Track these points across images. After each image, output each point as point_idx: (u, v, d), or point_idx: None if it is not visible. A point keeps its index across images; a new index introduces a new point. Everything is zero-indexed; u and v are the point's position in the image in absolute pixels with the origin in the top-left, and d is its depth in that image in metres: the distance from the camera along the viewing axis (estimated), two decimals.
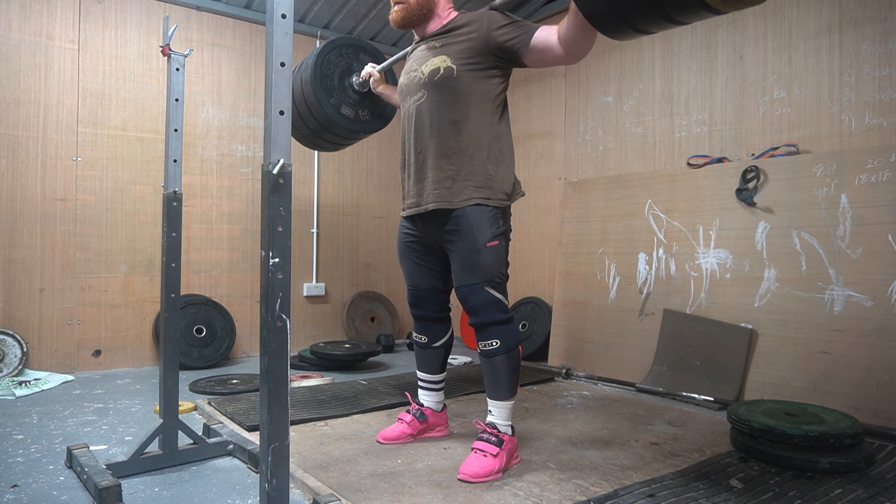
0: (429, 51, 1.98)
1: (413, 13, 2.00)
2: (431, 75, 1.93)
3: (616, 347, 3.31)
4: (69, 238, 3.37)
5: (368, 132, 2.58)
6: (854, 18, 2.70)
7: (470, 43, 1.89)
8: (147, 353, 3.59)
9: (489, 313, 1.89)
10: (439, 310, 2.17)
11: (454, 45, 1.92)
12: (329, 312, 4.35)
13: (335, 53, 2.46)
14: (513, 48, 1.84)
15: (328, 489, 1.68)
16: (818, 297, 2.61)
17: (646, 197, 3.34)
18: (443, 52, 1.93)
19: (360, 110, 2.51)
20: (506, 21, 1.87)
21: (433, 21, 2.02)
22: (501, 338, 1.88)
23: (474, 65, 1.89)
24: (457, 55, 1.90)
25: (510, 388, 1.90)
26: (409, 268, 2.16)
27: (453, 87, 1.90)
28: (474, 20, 1.91)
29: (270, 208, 1.24)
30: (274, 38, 1.24)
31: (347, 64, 2.50)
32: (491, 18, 1.88)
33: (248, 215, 3.96)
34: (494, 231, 1.90)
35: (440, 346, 2.18)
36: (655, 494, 1.67)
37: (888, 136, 2.58)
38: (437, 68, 1.92)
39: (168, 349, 1.91)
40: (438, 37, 1.98)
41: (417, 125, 1.98)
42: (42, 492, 1.73)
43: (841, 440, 1.89)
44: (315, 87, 2.36)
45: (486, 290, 1.88)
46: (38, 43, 3.28)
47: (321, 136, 2.56)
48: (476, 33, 1.89)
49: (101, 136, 3.46)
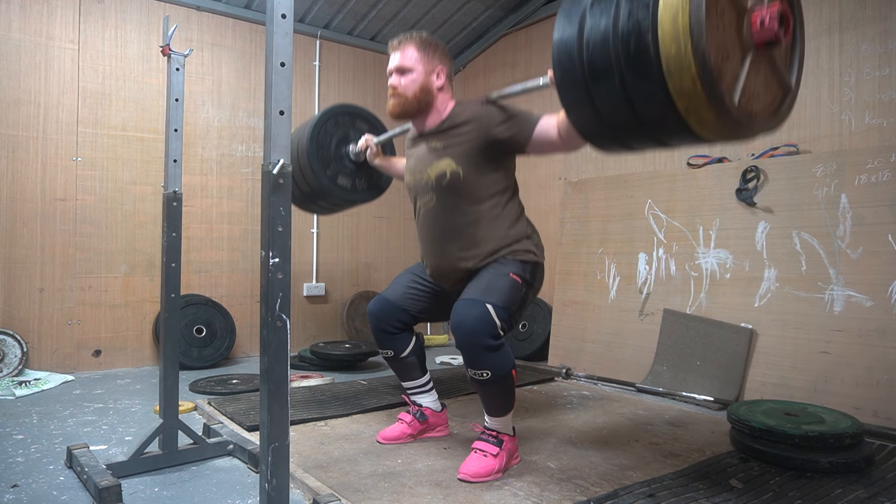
0: (431, 152, 1.95)
1: (410, 107, 1.95)
2: (439, 180, 1.91)
3: (616, 347, 3.31)
4: (69, 238, 3.37)
5: (364, 201, 2.54)
6: (854, 18, 2.70)
7: (471, 143, 1.87)
8: (147, 353, 3.59)
9: (480, 335, 1.73)
10: (398, 326, 2.10)
11: (456, 146, 1.90)
12: (329, 312, 4.35)
13: (331, 123, 2.41)
14: (514, 143, 1.84)
15: (328, 489, 1.68)
16: (818, 297, 2.61)
17: (646, 197, 3.34)
18: (446, 155, 1.90)
19: (357, 179, 2.47)
20: (504, 117, 1.84)
21: (431, 115, 1.98)
22: (492, 368, 1.74)
23: (479, 164, 1.88)
24: (460, 157, 1.88)
25: (506, 407, 1.86)
26: (401, 283, 2.14)
27: (462, 189, 1.89)
28: (473, 118, 1.89)
29: (270, 208, 1.24)
30: (274, 38, 1.24)
31: (344, 132, 2.46)
32: (489, 115, 1.86)
33: (248, 215, 3.96)
34: (519, 272, 1.87)
35: (410, 355, 2.13)
36: (655, 494, 1.67)
37: (888, 136, 2.58)
38: (444, 172, 1.90)
39: (168, 349, 1.91)
40: (439, 135, 1.95)
41: (433, 227, 1.98)
42: (42, 492, 1.73)
43: (841, 440, 1.89)
44: (311, 159, 2.32)
45: (486, 306, 1.76)
46: (38, 43, 3.28)
47: (315, 202, 2.52)
48: (476, 132, 1.87)
49: (101, 136, 3.46)
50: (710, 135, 1.22)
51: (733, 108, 1.16)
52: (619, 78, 1.21)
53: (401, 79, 1.95)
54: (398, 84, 1.95)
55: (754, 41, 1.22)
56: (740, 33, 1.21)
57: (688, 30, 1.10)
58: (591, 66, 1.24)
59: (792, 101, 1.35)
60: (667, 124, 1.23)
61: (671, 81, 1.14)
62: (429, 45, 1.97)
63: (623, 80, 1.20)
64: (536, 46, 4.21)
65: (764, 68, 1.28)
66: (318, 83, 4.28)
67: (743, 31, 1.21)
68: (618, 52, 1.19)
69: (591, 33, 1.24)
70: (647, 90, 1.19)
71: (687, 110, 1.17)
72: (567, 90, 1.32)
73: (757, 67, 1.25)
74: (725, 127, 1.19)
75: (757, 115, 1.25)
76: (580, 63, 1.26)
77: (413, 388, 2.20)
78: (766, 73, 1.28)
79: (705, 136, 1.22)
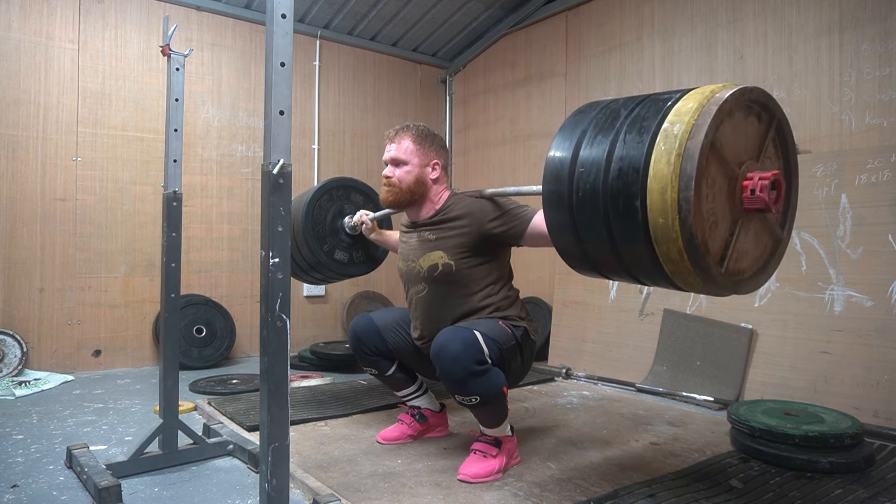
0: (424, 242, 1.95)
1: (404, 198, 1.96)
2: (431, 271, 1.91)
3: (616, 347, 3.31)
4: (69, 238, 3.37)
5: (360, 274, 2.52)
6: (854, 18, 2.70)
7: (464, 238, 1.88)
8: (147, 353, 3.59)
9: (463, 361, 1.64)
10: (374, 351, 2.08)
11: (448, 238, 1.90)
12: (329, 312, 4.35)
13: (326, 198, 2.40)
14: (509, 238, 1.84)
15: (328, 489, 1.68)
16: (818, 297, 2.61)
17: None
18: (439, 247, 1.91)
19: (353, 252, 2.46)
20: (498, 213, 1.84)
21: (425, 206, 1.98)
22: (481, 393, 1.68)
23: (471, 257, 1.88)
24: (452, 251, 1.88)
25: (500, 419, 1.84)
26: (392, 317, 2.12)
27: (454, 282, 1.89)
28: (467, 213, 1.89)
29: (270, 208, 1.24)
30: (274, 38, 1.24)
31: (339, 206, 2.44)
32: (483, 211, 1.86)
33: (248, 215, 3.96)
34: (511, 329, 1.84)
35: (395, 372, 2.12)
36: (655, 494, 1.67)
37: (888, 136, 2.58)
38: (436, 265, 1.90)
39: (168, 349, 1.91)
40: (432, 227, 1.95)
41: (425, 314, 1.97)
42: (42, 492, 1.73)
43: (841, 440, 1.89)
44: (308, 236, 2.31)
45: (474, 332, 1.70)
46: (38, 43, 3.28)
47: (310, 274, 2.51)
48: (469, 228, 1.87)
49: (101, 136, 3.46)
50: (694, 291, 1.24)
51: (720, 277, 1.16)
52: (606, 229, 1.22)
53: (395, 170, 1.96)
54: (392, 175, 1.96)
55: (744, 208, 1.20)
56: (731, 199, 1.19)
57: (676, 206, 1.09)
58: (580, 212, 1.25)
59: (782, 251, 1.34)
60: (651, 277, 1.25)
61: (658, 248, 1.15)
62: (425, 138, 1.98)
63: (611, 231, 1.21)
64: (536, 46, 4.21)
65: (754, 226, 1.27)
66: (318, 83, 4.28)
67: (735, 197, 1.20)
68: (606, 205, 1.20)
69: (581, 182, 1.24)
70: (634, 249, 1.19)
71: (673, 273, 1.18)
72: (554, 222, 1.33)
73: (747, 228, 1.24)
74: (711, 290, 1.20)
75: (744, 272, 1.26)
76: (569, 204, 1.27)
77: (407, 396, 2.20)
78: (756, 230, 1.27)
79: (688, 290, 1.24)
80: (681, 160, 1.09)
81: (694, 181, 1.08)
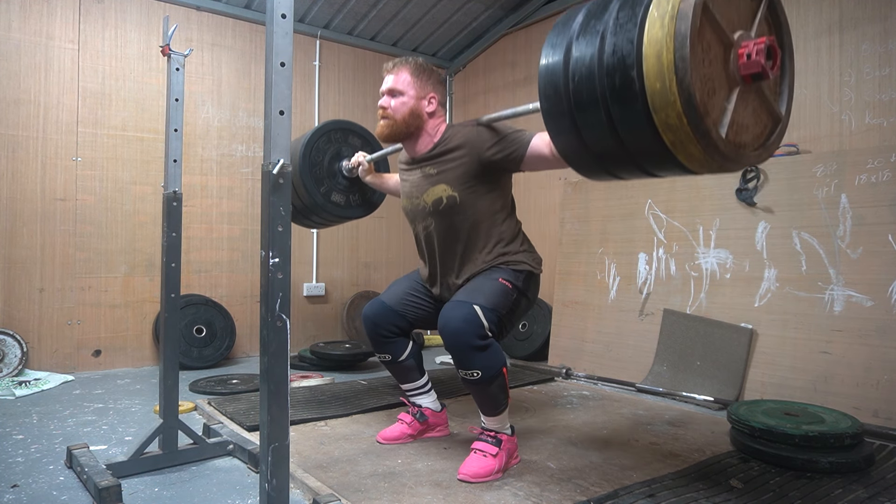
0: (427, 177, 1.96)
1: (399, 130, 1.96)
2: (435, 205, 1.93)
3: (616, 347, 3.31)
4: (69, 238, 3.37)
5: (357, 217, 2.55)
6: (854, 18, 2.70)
7: (465, 168, 1.88)
8: (147, 353, 3.59)
9: (467, 335, 1.72)
10: (393, 331, 2.09)
11: (449, 171, 1.91)
12: (329, 312, 4.35)
13: (324, 140, 2.41)
14: (507, 163, 1.84)
15: (328, 489, 1.68)
16: (818, 297, 2.61)
17: (646, 197, 3.33)
18: (441, 181, 1.92)
19: (350, 196, 2.48)
20: (496, 139, 1.84)
21: (422, 139, 1.98)
22: (482, 367, 1.74)
23: (474, 187, 1.89)
24: (455, 182, 1.89)
25: (500, 405, 1.85)
26: (399, 288, 2.14)
27: (459, 213, 1.91)
28: (465, 143, 1.89)
29: (270, 208, 1.24)
30: (274, 38, 1.24)
31: (336, 149, 2.46)
32: (481, 139, 1.86)
33: (248, 215, 3.96)
34: (510, 278, 1.88)
35: (408, 358, 2.13)
36: (655, 494, 1.67)
37: (888, 136, 2.58)
38: (440, 198, 1.91)
39: (168, 349, 1.91)
40: (432, 161, 1.96)
41: (434, 250, 2.01)
42: (42, 492, 1.73)
43: (841, 440, 1.89)
44: (305, 177, 2.32)
45: (473, 307, 1.76)
46: (38, 43, 3.28)
47: (309, 217, 2.52)
48: (468, 157, 1.87)
49: (101, 136, 3.46)
50: (698, 168, 1.22)
51: (720, 143, 1.16)
52: (604, 111, 1.21)
53: (391, 100, 1.96)
54: (388, 105, 1.96)
55: (741, 75, 1.21)
56: (727, 67, 1.20)
57: (672, 66, 1.09)
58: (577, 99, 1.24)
59: (782, 130, 1.35)
60: (654, 157, 1.23)
61: (657, 116, 1.14)
62: (423, 71, 1.98)
63: (609, 112, 1.20)
64: (536, 46, 4.21)
65: (752, 100, 1.27)
66: (318, 83, 4.28)
67: (730, 66, 1.20)
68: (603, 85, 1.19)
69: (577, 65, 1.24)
70: (634, 124, 1.18)
71: (674, 144, 1.17)
72: (553, 120, 1.32)
73: (745, 100, 1.24)
74: (714, 160, 1.19)
75: (745, 146, 1.25)
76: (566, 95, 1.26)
77: (412, 390, 2.20)
78: (754, 105, 1.27)
79: (693, 168, 1.22)
80: (674, 21, 1.10)
81: (689, 39, 1.08)
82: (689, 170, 1.23)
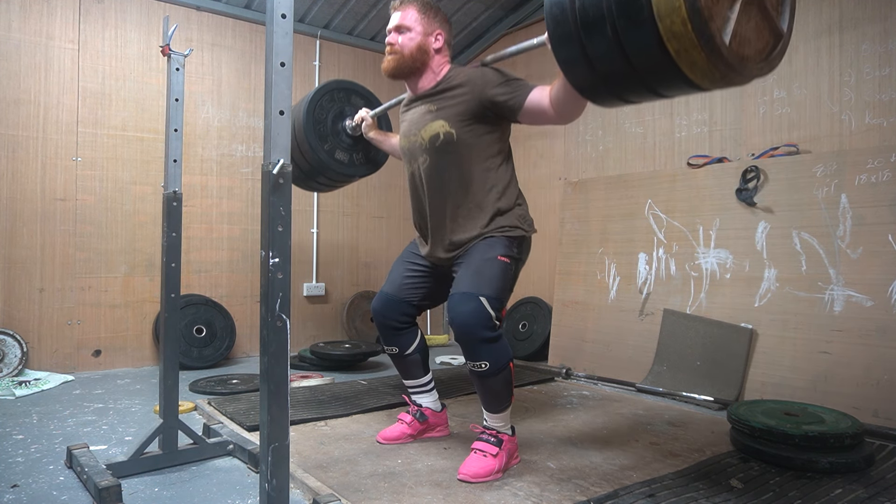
0: (426, 114, 1.96)
1: (405, 65, 1.96)
2: (432, 141, 1.92)
3: (616, 347, 3.31)
4: (69, 238, 3.37)
5: (362, 176, 2.58)
6: (854, 18, 2.70)
7: (465, 105, 1.88)
8: (147, 353, 3.59)
9: (476, 328, 1.77)
10: (403, 321, 2.11)
11: (450, 107, 1.91)
12: (329, 312, 4.35)
13: (327, 98, 2.44)
14: (507, 108, 1.84)
15: (328, 489, 1.68)
16: (818, 297, 2.61)
17: (646, 197, 3.34)
18: (440, 117, 1.92)
19: (354, 154, 2.50)
20: (500, 80, 1.85)
21: (426, 76, 1.99)
22: (490, 359, 1.78)
23: (472, 126, 1.89)
24: (454, 119, 1.89)
25: (504, 402, 1.87)
26: (397, 274, 2.15)
27: (455, 152, 1.90)
28: (468, 81, 1.89)
29: (270, 208, 1.24)
30: (274, 38, 1.24)
31: (340, 108, 2.48)
32: (485, 78, 1.87)
33: (248, 215, 3.96)
34: (507, 251, 1.89)
35: (414, 352, 2.15)
36: (655, 494, 1.67)
37: (888, 136, 2.58)
38: (437, 134, 1.91)
39: (168, 349, 1.91)
40: (433, 98, 1.96)
41: (426, 189, 1.99)
42: (42, 492, 1.73)
43: (841, 440, 1.89)
44: (308, 134, 2.35)
45: (480, 300, 1.79)
46: (38, 43, 3.28)
47: (315, 179, 2.54)
48: (470, 95, 1.88)
49: (101, 136, 3.46)
50: (702, 80, 1.22)
51: (724, 49, 1.16)
52: (610, 26, 1.21)
53: (399, 37, 1.97)
54: (395, 41, 1.97)
55: None
56: None
57: None
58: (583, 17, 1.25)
59: (784, 47, 1.35)
60: (659, 70, 1.23)
61: (661, 24, 1.15)
62: (430, 9, 2.01)
63: (615, 27, 1.21)
64: None
65: (755, 14, 1.27)
66: (318, 83, 4.28)
67: None
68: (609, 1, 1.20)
69: None
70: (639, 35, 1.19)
71: (678, 53, 1.17)
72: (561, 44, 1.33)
73: (748, 13, 1.24)
74: (717, 70, 1.19)
75: (748, 59, 1.25)
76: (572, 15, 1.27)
77: (414, 387, 2.21)
78: (757, 20, 1.28)
79: (698, 81, 1.22)
80: None
81: None
82: (694, 83, 1.23)
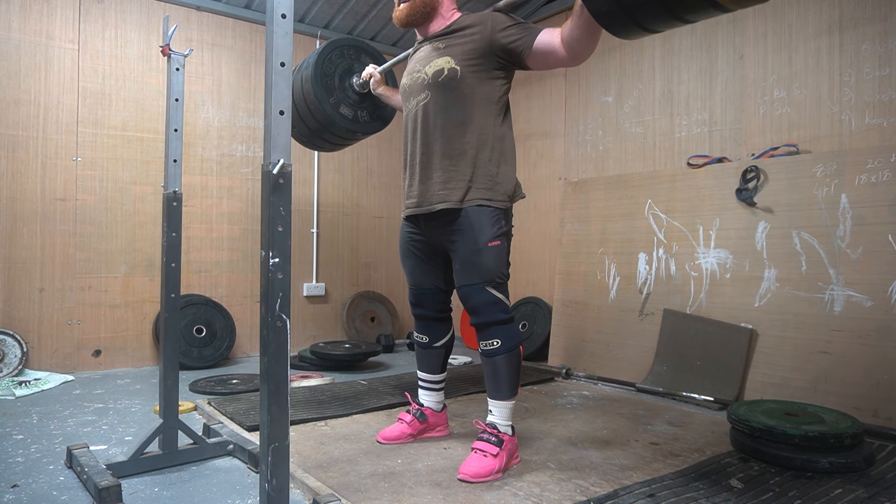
0: (433, 51, 1.98)
1: (417, 11, 2.00)
2: (435, 76, 1.93)
3: (616, 347, 3.31)
4: (69, 238, 3.37)
5: (367, 133, 2.60)
6: (854, 18, 2.70)
7: (474, 45, 1.90)
8: (147, 353, 3.59)
9: (490, 313, 1.89)
10: (440, 309, 2.18)
11: (458, 46, 1.92)
12: (329, 312, 4.35)
13: (337, 54, 2.47)
14: (516, 50, 1.85)
15: (328, 489, 1.68)
16: (818, 297, 2.61)
17: (646, 197, 3.34)
18: (447, 53, 1.93)
19: (359, 111, 2.52)
20: (510, 23, 1.87)
21: (436, 21, 2.03)
22: (502, 337, 1.88)
23: (478, 66, 1.90)
24: (461, 56, 1.90)
25: (511, 388, 1.90)
26: (411, 267, 2.17)
27: (457, 89, 1.91)
28: (478, 22, 1.91)
29: (270, 208, 1.23)
30: (274, 38, 1.24)
31: (348, 65, 2.52)
32: (495, 20, 1.88)
33: (248, 215, 3.96)
34: (496, 231, 1.90)
35: (441, 346, 2.19)
36: (655, 494, 1.67)
37: (888, 136, 2.58)
38: (441, 69, 1.92)
39: (168, 349, 1.91)
40: (442, 37, 1.98)
41: (422, 126, 1.98)
42: (42, 492, 1.73)
43: (841, 440, 1.89)
44: (315, 86, 2.38)
45: (487, 290, 1.88)
46: (38, 43, 3.28)
47: (321, 136, 2.57)
48: (479, 35, 1.89)
49: (101, 136, 3.46)
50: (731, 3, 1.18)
51: None
52: None
53: None
54: None
55: None
56: None
57: None
58: None
59: None
60: None
61: None
62: None
63: None
64: None
65: None
66: None
67: None
68: None
69: None
70: None
71: None
72: None
73: None
74: None
75: None
76: None
77: (426, 382, 2.22)
78: None
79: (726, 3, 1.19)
80: None
81: None
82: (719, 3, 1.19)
